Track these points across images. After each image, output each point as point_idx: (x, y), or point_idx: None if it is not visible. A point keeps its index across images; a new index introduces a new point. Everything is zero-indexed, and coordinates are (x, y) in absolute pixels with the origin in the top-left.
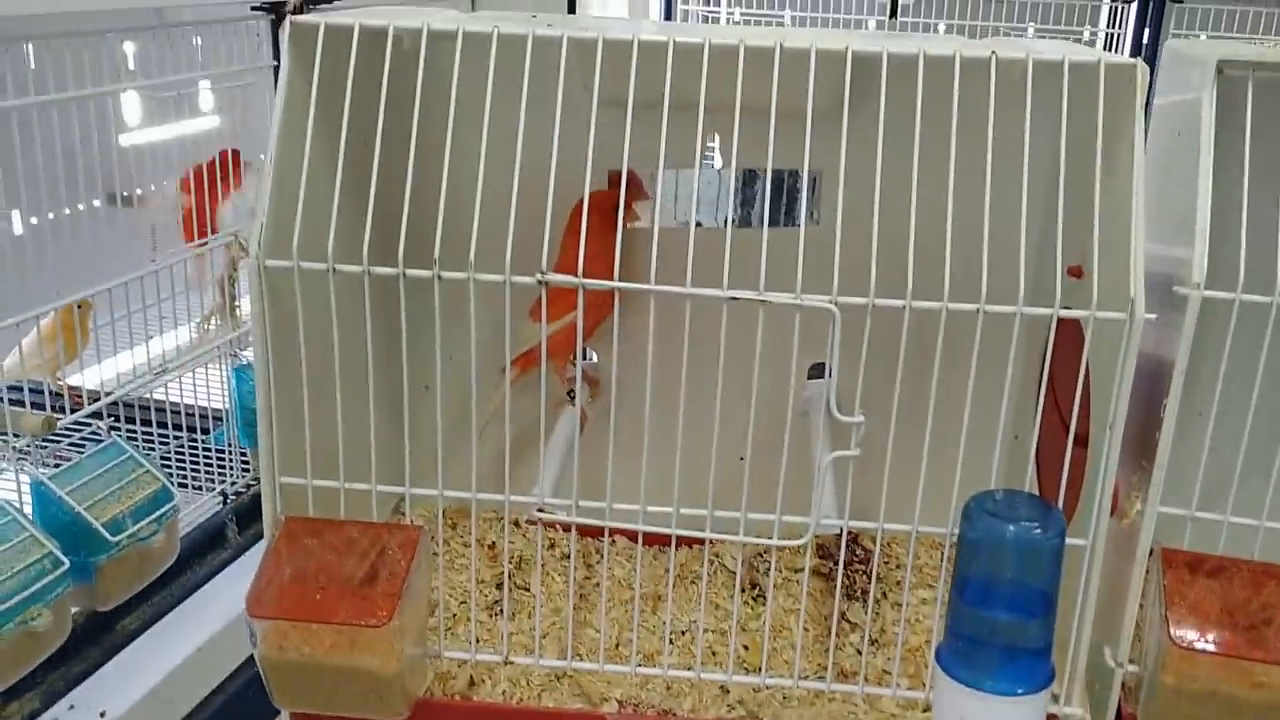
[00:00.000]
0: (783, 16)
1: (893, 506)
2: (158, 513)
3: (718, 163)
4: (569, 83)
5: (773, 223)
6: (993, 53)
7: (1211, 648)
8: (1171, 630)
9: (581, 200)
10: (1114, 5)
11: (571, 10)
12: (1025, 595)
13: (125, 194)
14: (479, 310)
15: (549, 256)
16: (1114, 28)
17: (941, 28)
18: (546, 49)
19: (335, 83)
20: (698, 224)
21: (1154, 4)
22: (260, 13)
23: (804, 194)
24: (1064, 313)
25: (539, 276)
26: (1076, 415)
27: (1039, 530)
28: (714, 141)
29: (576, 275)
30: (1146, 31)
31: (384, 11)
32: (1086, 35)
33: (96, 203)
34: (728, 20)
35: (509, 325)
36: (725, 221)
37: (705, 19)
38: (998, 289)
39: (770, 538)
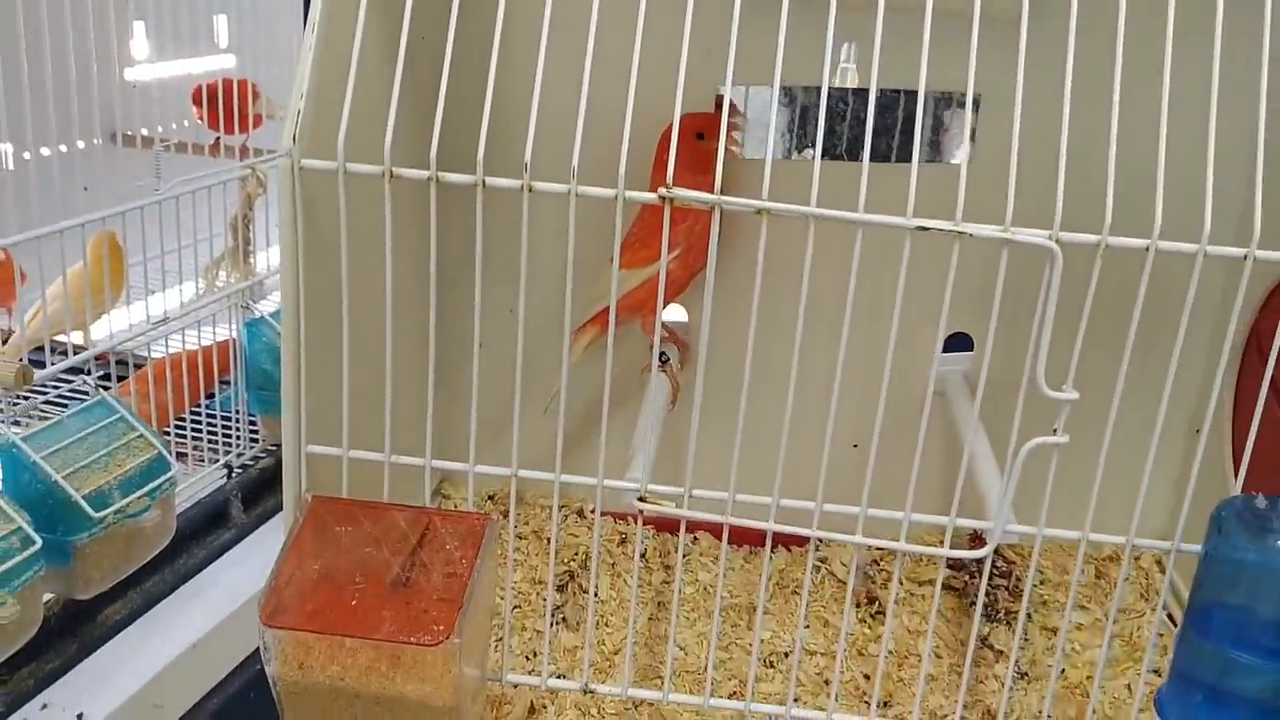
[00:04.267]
0: None
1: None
2: (151, 485)
3: (850, 79)
4: None
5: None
6: None
7: None
8: None
9: (671, 125)
10: None
11: None
12: None
13: (129, 133)
14: (543, 248)
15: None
16: None
17: None
18: None
19: None
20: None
21: None
22: None
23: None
24: None
25: (664, 192)
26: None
27: None
28: (849, 54)
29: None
30: None
31: None
32: None
33: (97, 141)
34: None
35: (616, 259)
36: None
37: None
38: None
39: (894, 539)
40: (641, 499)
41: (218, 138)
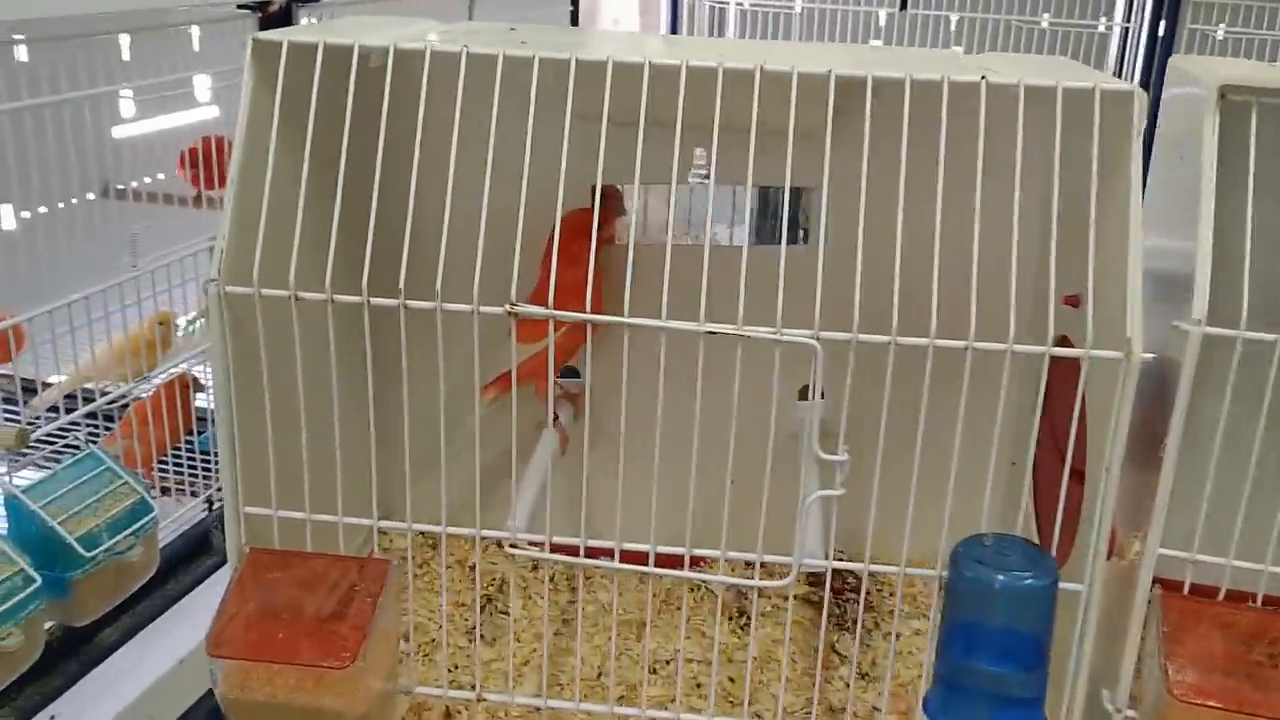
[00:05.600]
0: (794, 6)
1: (885, 537)
2: (135, 526)
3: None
4: (545, 102)
5: (763, 240)
6: (983, 77)
7: (1214, 700)
8: (1171, 680)
9: (565, 217)
10: None
11: (574, 18)
12: (1016, 645)
13: (120, 187)
14: (459, 332)
15: (525, 277)
16: (1130, 21)
17: (954, 19)
18: (519, 69)
19: (301, 101)
20: (690, 241)
21: None
22: (246, 11)
23: (784, 215)
24: (1056, 351)
25: (508, 308)
26: (1073, 450)
27: (1030, 579)
28: (702, 158)
29: (547, 305)
30: (1162, 24)
31: (358, 24)
32: (1101, 28)
33: (90, 196)
34: (736, 10)
35: (477, 357)
36: (705, 245)
37: (714, 10)
38: (992, 321)
39: (756, 564)
40: (513, 545)
41: (199, 193)
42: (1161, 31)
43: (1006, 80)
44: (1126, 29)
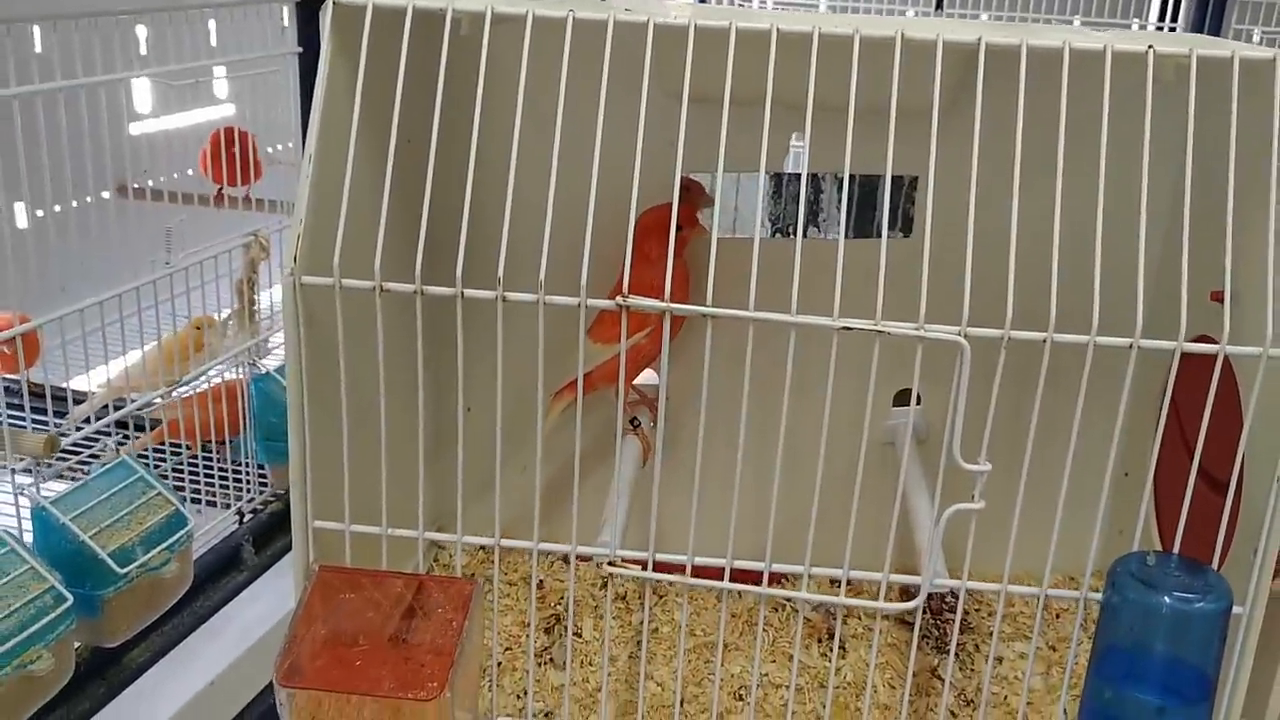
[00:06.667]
0: (818, 4)
1: (982, 551)
2: (170, 540)
3: (793, 165)
4: (643, 76)
5: (861, 232)
6: (1150, 47)
7: None
8: None
9: (646, 215)
10: None
11: None
12: (1180, 676)
13: (136, 185)
14: (522, 327)
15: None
16: (1164, 21)
17: (985, 19)
18: (627, 36)
19: (380, 73)
20: (778, 235)
21: None
22: None
23: (885, 204)
24: (1188, 347)
25: (620, 300)
26: (1210, 456)
27: (1201, 602)
28: (800, 142)
29: (661, 298)
30: (1206, 24)
31: None
32: (1134, 29)
33: (105, 194)
34: (760, 8)
35: (541, 352)
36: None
37: (738, 5)
38: (1122, 314)
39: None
40: (611, 564)
41: (220, 189)
42: (1205, 33)
43: (1176, 49)
44: (1160, 28)
